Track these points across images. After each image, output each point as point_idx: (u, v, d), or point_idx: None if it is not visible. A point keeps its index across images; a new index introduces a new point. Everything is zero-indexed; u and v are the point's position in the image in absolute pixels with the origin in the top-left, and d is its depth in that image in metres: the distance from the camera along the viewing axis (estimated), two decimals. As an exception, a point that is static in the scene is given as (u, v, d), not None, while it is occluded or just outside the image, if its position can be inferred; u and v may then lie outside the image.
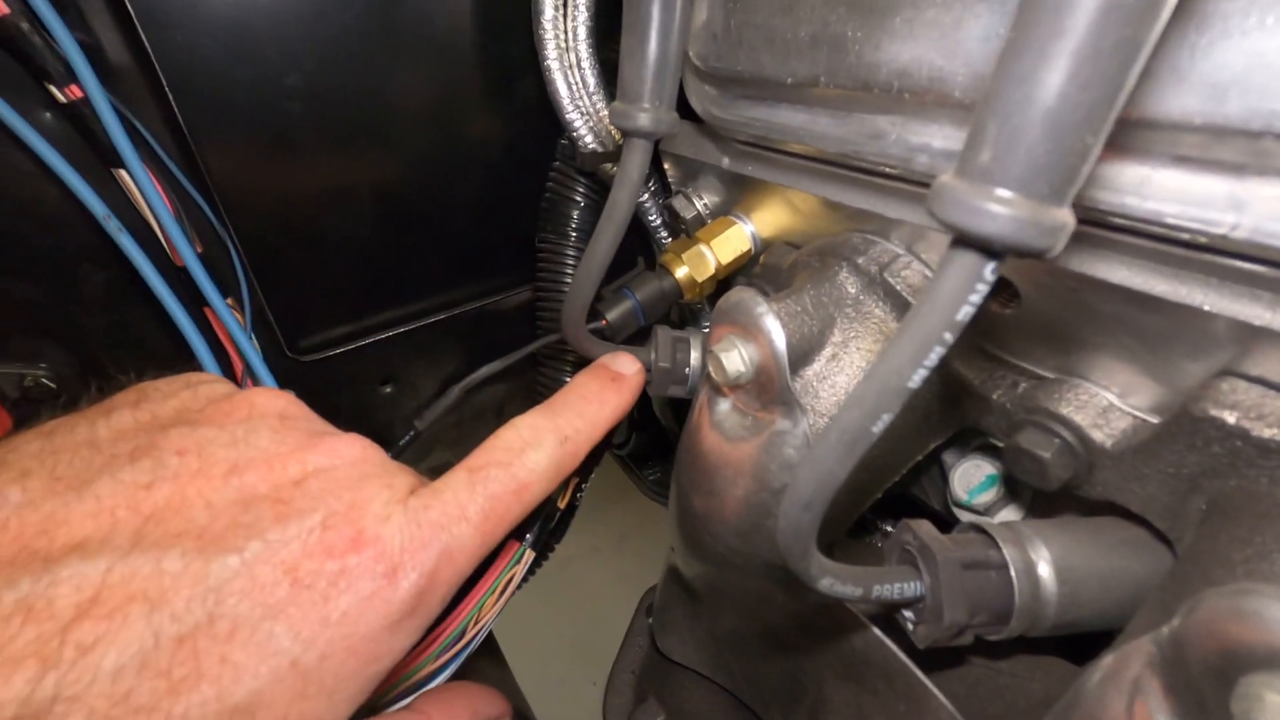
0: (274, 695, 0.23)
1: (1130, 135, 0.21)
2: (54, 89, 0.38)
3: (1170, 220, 0.21)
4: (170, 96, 0.41)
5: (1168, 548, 0.28)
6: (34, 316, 0.46)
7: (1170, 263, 0.23)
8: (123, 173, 0.41)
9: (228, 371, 0.47)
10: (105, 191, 0.41)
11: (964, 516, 0.38)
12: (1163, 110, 0.20)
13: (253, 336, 0.46)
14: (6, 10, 0.36)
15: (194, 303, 0.45)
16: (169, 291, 0.43)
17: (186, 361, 0.45)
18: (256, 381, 0.47)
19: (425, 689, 0.45)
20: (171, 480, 0.25)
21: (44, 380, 0.46)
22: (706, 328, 0.52)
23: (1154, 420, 0.27)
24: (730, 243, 0.44)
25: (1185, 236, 0.21)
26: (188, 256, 0.43)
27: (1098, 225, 0.24)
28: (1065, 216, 0.16)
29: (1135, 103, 0.20)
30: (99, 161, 0.41)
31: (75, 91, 0.38)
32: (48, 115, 0.40)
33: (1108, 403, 0.28)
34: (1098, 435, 0.28)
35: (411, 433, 0.43)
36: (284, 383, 0.47)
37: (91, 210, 0.41)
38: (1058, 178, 0.16)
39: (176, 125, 0.42)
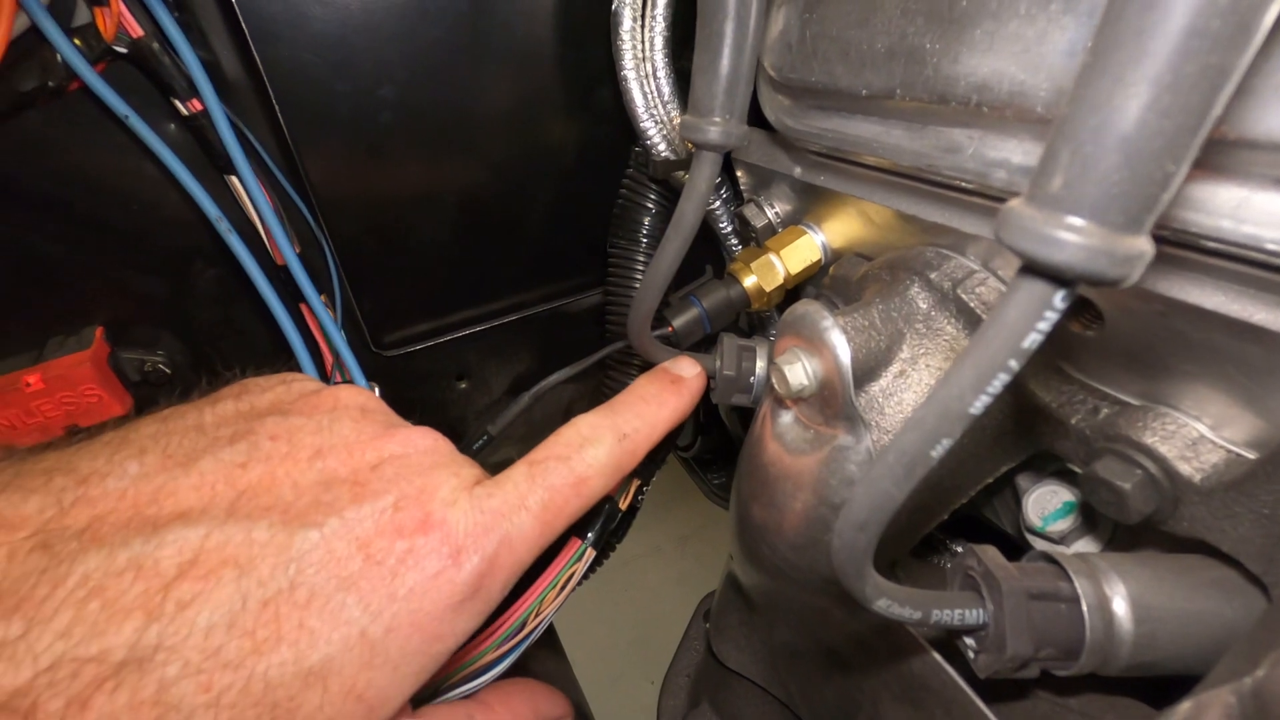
0: (344, 662, 0.25)
1: (1226, 155, 0.20)
2: (178, 103, 0.42)
3: (1271, 246, 0.20)
4: (277, 108, 0.44)
5: (1262, 591, 0.26)
6: (154, 308, 0.50)
7: (1271, 290, 0.22)
8: (234, 179, 0.45)
9: (319, 364, 0.50)
10: (218, 196, 0.45)
11: (1037, 544, 0.37)
12: (1263, 129, 0.19)
13: (343, 332, 0.50)
14: (141, 33, 0.39)
15: (292, 299, 0.49)
16: (270, 288, 0.46)
17: (283, 354, 0.48)
18: (345, 373, 0.50)
19: (485, 676, 0.47)
20: (264, 461, 0.28)
21: (161, 366, 0.51)
22: (774, 336, 0.52)
23: (1250, 456, 0.25)
24: (800, 252, 0.44)
25: (1286, 264, 0.20)
26: (289, 256, 0.47)
27: (1190, 249, 0.22)
28: (1142, 245, 0.15)
29: (1232, 122, 0.19)
30: (214, 168, 0.45)
31: (196, 105, 0.42)
32: (172, 126, 0.44)
33: (1198, 434, 0.26)
34: (1185, 468, 0.26)
35: (485, 436, 0.45)
36: (369, 375, 0.50)
37: (206, 212, 0.44)
38: (1134, 206, 0.15)
39: (281, 135, 0.45)
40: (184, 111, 0.43)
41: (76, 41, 0.39)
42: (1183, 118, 0.14)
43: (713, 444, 0.77)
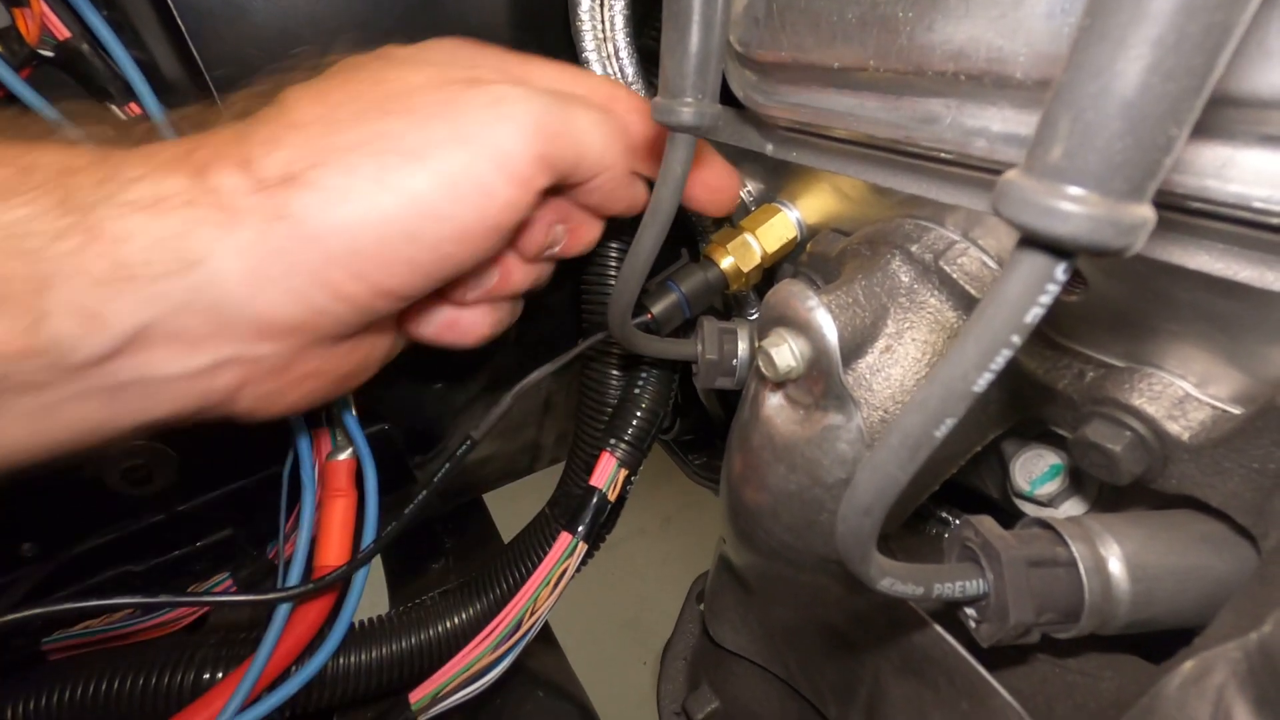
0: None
1: (1211, 114, 0.20)
2: (114, 107, 0.40)
3: (1258, 204, 0.20)
4: (220, 106, 0.42)
5: (1251, 543, 0.27)
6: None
7: (1255, 246, 0.22)
8: (181, 185, 0.43)
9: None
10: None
11: (1026, 508, 0.37)
12: (1249, 87, 0.19)
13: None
14: (68, 34, 0.37)
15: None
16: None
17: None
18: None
19: (485, 678, 0.47)
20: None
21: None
22: (754, 316, 0.52)
23: (1236, 411, 0.25)
24: (776, 231, 0.43)
25: (1275, 221, 0.20)
26: (245, 264, 0.44)
27: (1174, 209, 0.22)
28: (1145, 213, 0.15)
29: (1218, 81, 0.19)
30: (159, 175, 0.42)
31: (134, 109, 0.40)
32: (111, 133, 0.42)
33: (1184, 393, 0.27)
34: (1173, 427, 0.26)
35: (468, 443, 0.44)
36: (339, 382, 0.49)
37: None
38: (1138, 173, 0.15)
39: (229, 136, 0.43)
40: (121, 116, 0.40)
41: (-3, 46, 0.36)
42: (1186, 79, 0.14)
43: (692, 425, 0.77)
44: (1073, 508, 0.36)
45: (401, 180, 0.29)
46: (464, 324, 0.39)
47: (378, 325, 0.35)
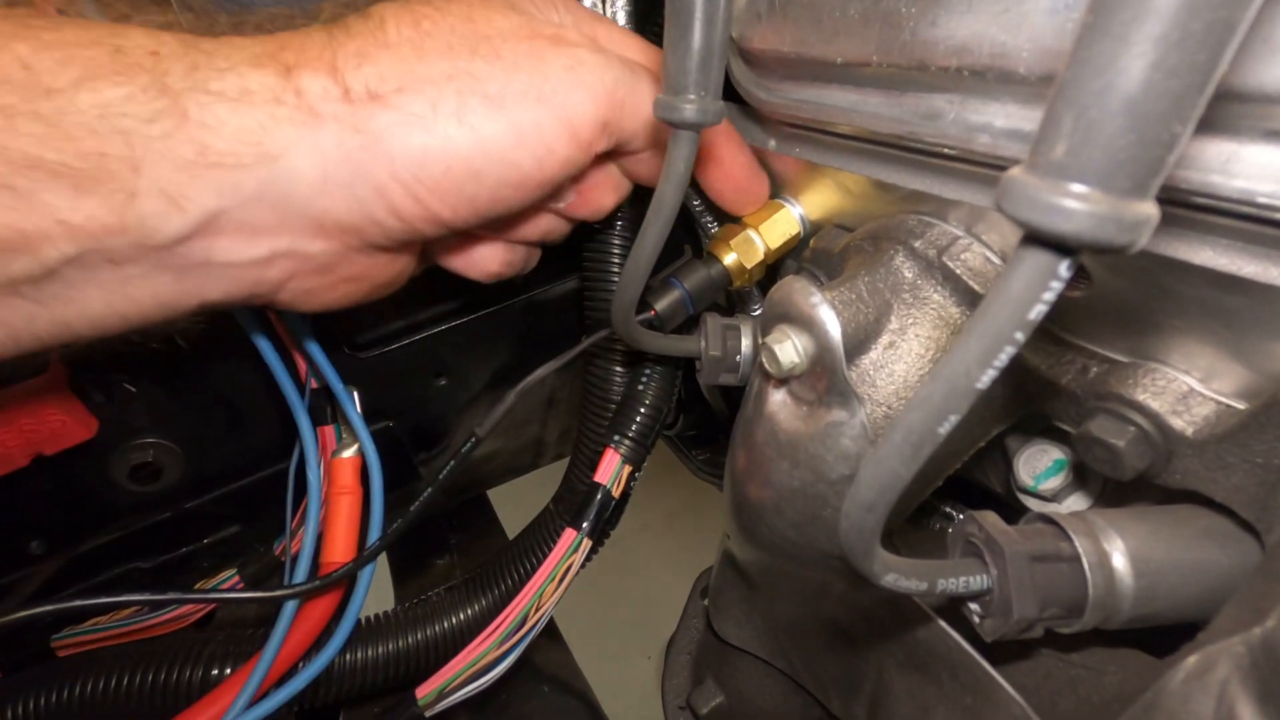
0: None
1: (1215, 109, 0.20)
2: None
3: (1262, 200, 0.20)
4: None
5: (1254, 538, 0.27)
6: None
7: (1259, 242, 0.22)
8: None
9: (292, 369, 0.48)
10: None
11: (1029, 503, 0.37)
12: (1254, 82, 0.19)
13: (313, 336, 0.48)
14: None
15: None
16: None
17: (251, 361, 0.47)
18: (320, 378, 0.48)
19: (491, 674, 0.47)
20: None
21: (124, 384, 0.49)
22: (757, 311, 0.52)
23: (1240, 406, 0.25)
24: (779, 227, 0.43)
25: (1279, 216, 0.20)
26: (249, 262, 0.45)
27: (1178, 205, 0.22)
28: (1148, 210, 0.15)
29: (1223, 76, 0.19)
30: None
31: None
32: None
33: (1188, 388, 0.27)
34: (1177, 422, 0.26)
35: (473, 440, 0.44)
36: (345, 378, 0.49)
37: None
38: (1141, 171, 0.15)
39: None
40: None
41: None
42: (1190, 77, 0.14)
43: (696, 421, 0.77)
44: (1076, 503, 0.36)
45: (479, 121, 0.31)
46: (478, 257, 0.41)
47: (414, 244, 0.37)
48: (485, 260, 0.41)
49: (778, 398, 0.35)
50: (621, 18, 0.44)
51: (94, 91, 0.26)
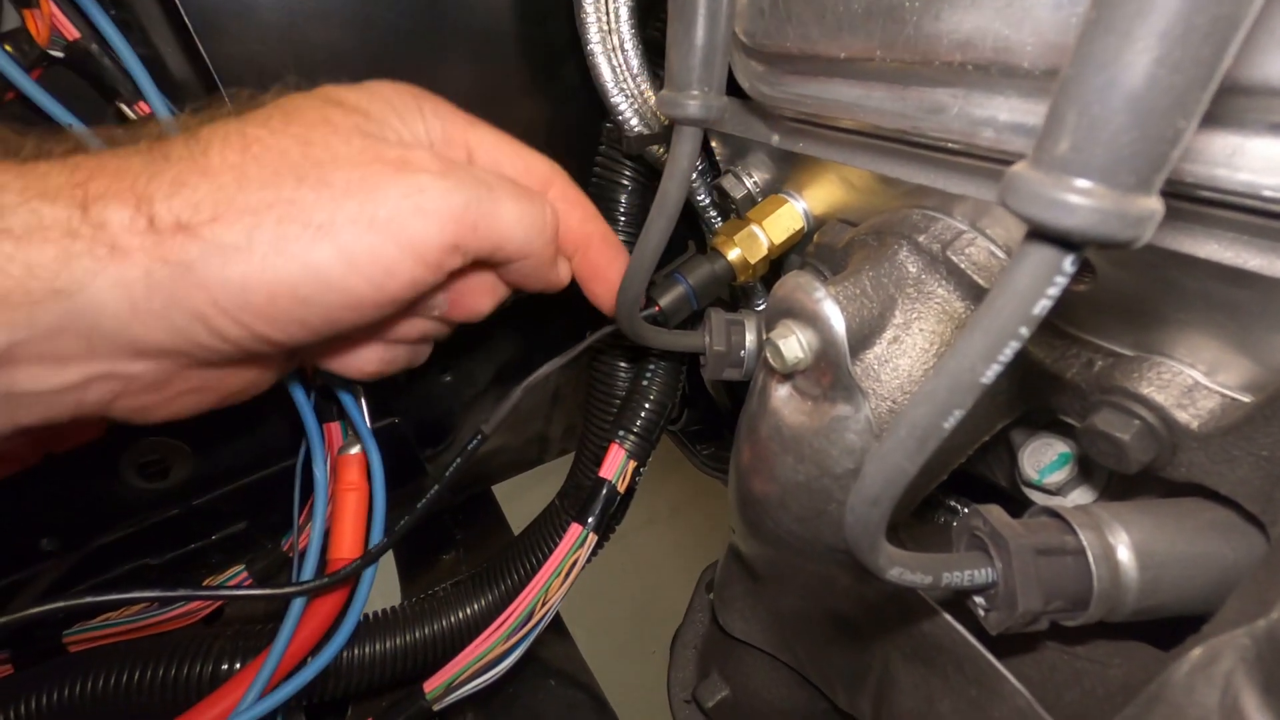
0: None
1: (1219, 103, 0.20)
2: (124, 106, 0.40)
3: (1267, 193, 0.20)
4: (228, 103, 0.42)
5: (1259, 530, 0.27)
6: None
7: (1264, 235, 0.22)
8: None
9: (298, 370, 0.49)
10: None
11: (1034, 496, 0.37)
12: (1259, 75, 0.19)
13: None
14: (77, 34, 0.37)
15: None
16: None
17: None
18: (326, 379, 0.48)
19: (498, 667, 0.47)
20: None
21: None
22: (760, 306, 0.52)
23: (1245, 399, 0.25)
24: (782, 221, 0.43)
25: (1283, 209, 0.20)
26: (255, 261, 0.45)
27: (1183, 198, 0.22)
28: (1152, 205, 0.15)
29: (1228, 69, 0.19)
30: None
31: (144, 108, 0.40)
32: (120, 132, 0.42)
33: (1193, 381, 0.27)
34: (1182, 416, 0.26)
35: (479, 436, 0.44)
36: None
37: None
38: (1145, 166, 0.15)
39: (237, 134, 0.43)
40: (131, 115, 0.40)
41: (7, 48, 0.36)
42: (1193, 71, 0.14)
43: (700, 416, 0.77)
44: (1081, 496, 0.36)
45: (301, 250, 0.29)
46: (354, 358, 0.39)
47: (263, 356, 0.35)
48: (362, 361, 0.39)
49: (782, 393, 0.35)
50: (624, 14, 0.44)
51: None
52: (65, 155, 0.29)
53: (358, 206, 0.30)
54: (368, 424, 0.48)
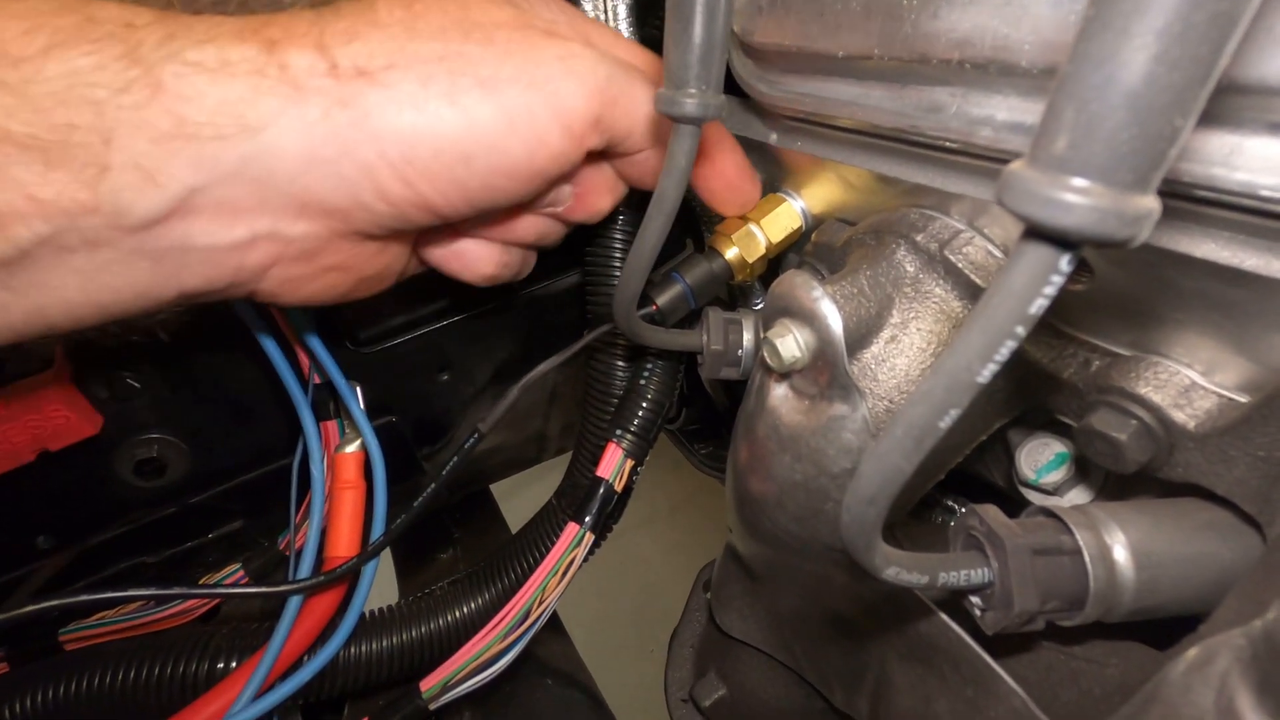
0: None
1: (1217, 102, 0.20)
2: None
3: (1265, 193, 0.20)
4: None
5: (1256, 531, 0.27)
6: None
7: (1262, 235, 0.22)
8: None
9: (295, 364, 0.49)
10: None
11: (1031, 496, 0.37)
12: (1256, 74, 0.19)
13: (316, 331, 0.48)
14: None
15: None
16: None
17: (256, 358, 0.47)
18: (323, 373, 0.48)
19: (494, 667, 0.47)
20: None
21: (129, 380, 0.49)
22: (759, 306, 0.52)
23: (1242, 400, 0.25)
24: (780, 221, 0.43)
25: (1281, 209, 0.20)
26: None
27: (1180, 198, 0.22)
28: (1150, 204, 0.15)
29: (1226, 68, 0.19)
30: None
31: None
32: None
33: (1190, 381, 0.27)
34: (1179, 416, 0.26)
35: (476, 435, 0.44)
36: (348, 374, 0.49)
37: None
38: (1143, 164, 0.15)
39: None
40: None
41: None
42: (1192, 69, 0.14)
43: (698, 415, 0.77)
44: (1078, 496, 0.36)
45: (471, 103, 0.30)
46: (471, 257, 0.40)
47: (404, 236, 0.37)
48: (480, 261, 0.40)
49: (779, 392, 0.35)
50: (622, 11, 0.44)
51: (62, 60, 0.25)
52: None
53: (520, 64, 0.31)
54: (367, 420, 0.48)
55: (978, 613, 0.28)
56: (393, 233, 0.34)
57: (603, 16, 0.44)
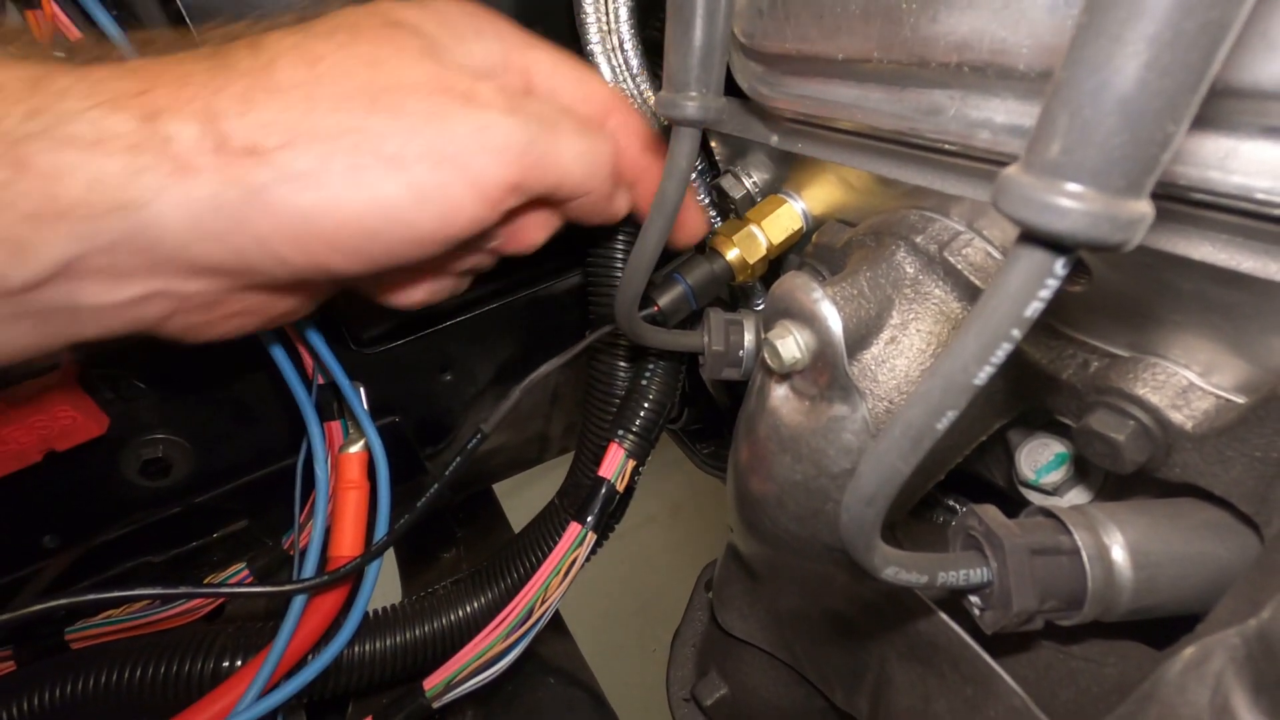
0: None
1: (1213, 105, 0.20)
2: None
3: (1260, 195, 0.20)
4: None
5: (1253, 531, 0.27)
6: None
7: (1257, 237, 0.22)
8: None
9: (299, 366, 0.49)
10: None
11: (1031, 496, 0.37)
12: (1250, 79, 0.19)
13: (319, 333, 0.48)
14: (79, 35, 0.37)
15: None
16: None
17: (258, 359, 0.47)
18: (326, 374, 0.49)
19: (497, 666, 0.48)
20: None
21: (135, 380, 0.49)
22: (759, 306, 0.52)
23: (1240, 400, 0.25)
24: (781, 222, 0.43)
25: (1277, 212, 0.20)
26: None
27: (1176, 201, 0.22)
28: (1143, 208, 0.15)
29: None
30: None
31: (145, 108, 0.40)
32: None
33: (1188, 382, 0.27)
34: (1177, 417, 0.26)
35: (479, 436, 0.44)
36: (351, 374, 0.49)
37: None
38: (1135, 169, 0.15)
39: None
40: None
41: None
42: (1183, 76, 0.14)
43: (700, 415, 0.77)
44: (1077, 496, 0.36)
45: (374, 181, 0.29)
46: (397, 287, 0.39)
47: (317, 282, 0.36)
48: (411, 292, 0.39)
49: (780, 392, 0.35)
50: (623, 14, 0.44)
51: None
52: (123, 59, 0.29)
53: (428, 140, 0.30)
54: (371, 421, 0.48)
55: (976, 612, 0.28)
56: (297, 284, 0.33)
57: (604, 19, 0.44)
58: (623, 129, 0.39)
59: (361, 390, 0.49)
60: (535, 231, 0.39)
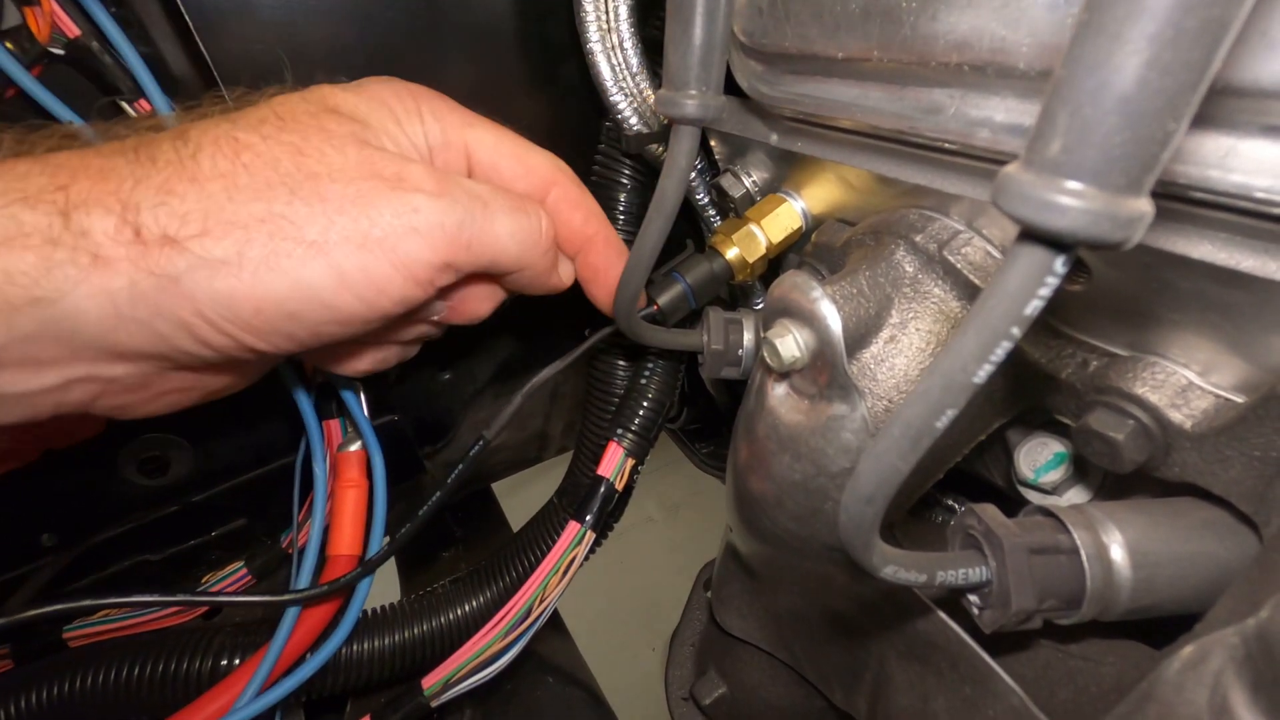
0: None
1: (1212, 104, 0.20)
2: (125, 104, 0.40)
3: (1260, 194, 0.20)
4: (227, 99, 0.42)
5: (1252, 530, 0.27)
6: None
7: (1257, 236, 0.22)
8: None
9: (299, 367, 0.49)
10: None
11: (1030, 495, 0.37)
12: (1250, 77, 0.19)
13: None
14: (78, 32, 0.37)
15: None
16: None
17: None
18: (328, 375, 0.49)
19: (496, 664, 0.48)
20: None
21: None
22: (759, 305, 0.52)
23: (1239, 400, 0.25)
24: (781, 221, 0.43)
25: (1276, 211, 0.20)
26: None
27: (1176, 199, 0.22)
28: (1143, 207, 0.15)
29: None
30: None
31: (145, 105, 0.40)
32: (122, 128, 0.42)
33: (1187, 381, 0.27)
34: (1176, 416, 0.26)
35: (481, 442, 0.44)
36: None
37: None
38: (1135, 168, 0.15)
39: (237, 132, 0.43)
40: (132, 113, 0.41)
41: (8, 45, 0.36)
42: (1183, 74, 0.14)
43: (699, 414, 0.77)
44: (1076, 495, 0.36)
45: (293, 266, 0.29)
46: (345, 360, 0.40)
47: (248, 361, 0.35)
48: (354, 361, 0.39)
49: (779, 391, 0.35)
50: (624, 13, 0.44)
51: None
52: (47, 152, 0.28)
53: (351, 224, 0.30)
54: (369, 420, 0.48)
55: (975, 611, 0.28)
56: (227, 363, 0.33)
57: (604, 17, 0.44)
58: (565, 201, 0.39)
59: (360, 389, 0.49)
60: (478, 304, 0.39)
